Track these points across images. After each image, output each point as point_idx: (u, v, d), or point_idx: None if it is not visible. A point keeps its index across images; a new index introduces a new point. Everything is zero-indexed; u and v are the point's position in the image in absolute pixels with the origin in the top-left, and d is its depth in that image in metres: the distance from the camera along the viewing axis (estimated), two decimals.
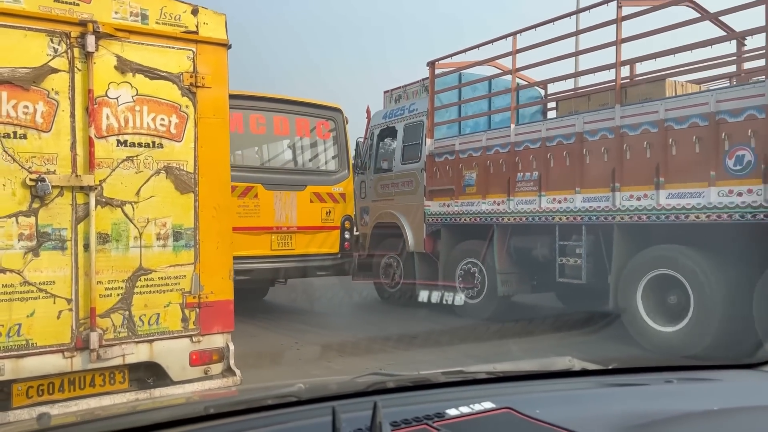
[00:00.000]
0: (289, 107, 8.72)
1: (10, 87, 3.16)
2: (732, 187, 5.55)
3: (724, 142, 5.66)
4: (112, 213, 3.42)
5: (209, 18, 3.73)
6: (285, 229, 8.30)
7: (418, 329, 7.64)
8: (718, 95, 5.82)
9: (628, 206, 6.40)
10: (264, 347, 6.74)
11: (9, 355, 3.14)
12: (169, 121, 3.59)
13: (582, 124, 6.89)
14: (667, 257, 6.18)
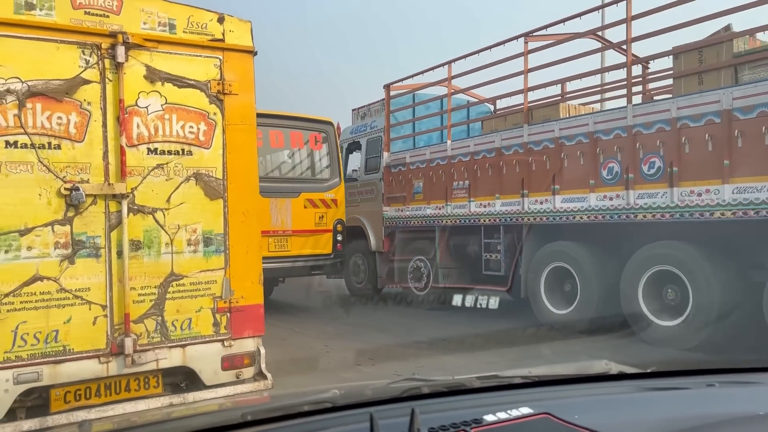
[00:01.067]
0: (284, 122, 9.64)
1: (45, 99, 3.23)
2: (606, 193, 6.87)
3: (599, 155, 6.94)
4: (143, 220, 3.47)
5: (235, 26, 3.77)
6: (281, 232, 9.13)
7: (447, 332, 7.72)
8: (595, 117, 7.16)
9: (534, 209, 7.69)
10: (295, 351, 6.83)
11: (47, 361, 3.21)
12: (198, 129, 3.63)
13: (500, 140, 8.21)
14: (561, 252, 7.52)
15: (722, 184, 5.87)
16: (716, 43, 6.47)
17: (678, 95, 6.64)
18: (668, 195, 6.28)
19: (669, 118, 6.32)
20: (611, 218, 6.80)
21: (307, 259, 9.44)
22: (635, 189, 6.58)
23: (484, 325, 8.03)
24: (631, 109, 6.71)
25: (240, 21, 3.80)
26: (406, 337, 7.49)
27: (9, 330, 3.12)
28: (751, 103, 5.70)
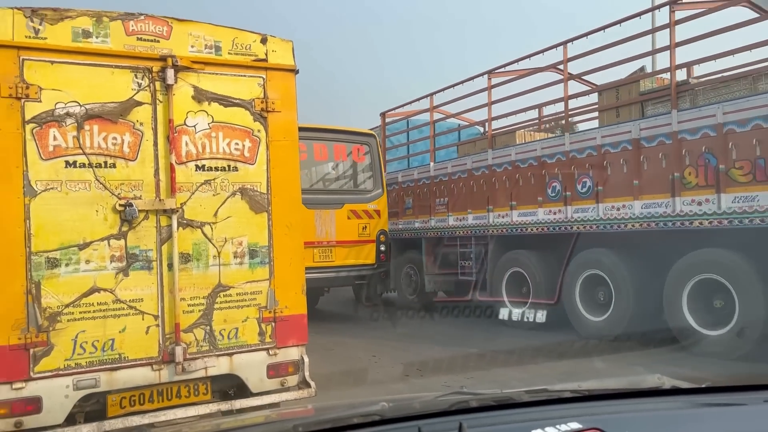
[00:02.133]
0: (327, 135, 9.90)
1: (101, 121, 3.43)
2: (550, 208, 8.17)
3: (545, 176, 8.23)
4: (192, 234, 3.64)
5: (277, 45, 3.92)
6: (325, 243, 9.39)
7: (496, 344, 7.74)
8: (542, 144, 8.47)
9: (497, 222, 9.05)
10: (343, 362, 6.90)
11: (104, 368, 3.39)
12: (243, 146, 3.79)
13: (471, 162, 9.60)
14: (517, 259, 8.87)
15: (633, 200, 7.07)
16: (628, 83, 7.91)
17: (601, 126, 8.00)
18: (596, 209, 7.51)
19: (595, 144, 7.56)
20: (553, 230, 8.12)
21: (351, 269, 9.61)
22: (572, 204, 7.84)
23: (532, 336, 8.01)
24: (568, 137, 8.00)
25: (282, 41, 3.95)
26: (455, 349, 7.50)
27: (69, 338, 3.32)
28: (653, 133, 6.90)
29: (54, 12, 3.35)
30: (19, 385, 3.20)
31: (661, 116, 6.94)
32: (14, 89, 3.22)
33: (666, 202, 6.73)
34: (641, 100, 7.55)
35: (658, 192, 6.80)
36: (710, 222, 6.37)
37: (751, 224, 6.04)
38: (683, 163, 6.60)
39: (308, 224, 9.10)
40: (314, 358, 3.92)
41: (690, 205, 6.53)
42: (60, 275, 3.31)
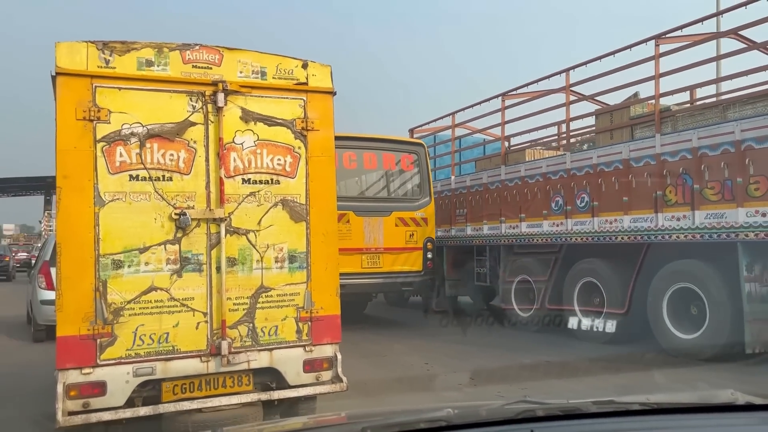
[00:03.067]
0: (377, 144, 10.19)
1: (160, 139, 3.89)
2: (553, 221, 8.95)
3: (549, 191, 9.03)
4: (238, 240, 4.05)
5: (317, 70, 4.31)
6: (373, 249, 9.66)
7: (551, 355, 7.69)
8: (547, 161, 9.27)
9: (507, 233, 9.91)
10: (396, 369, 7.03)
11: (159, 358, 3.83)
12: (285, 161, 4.18)
13: (487, 177, 10.56)
14: (524, 266, 9.74)
15: (623, 215, 7.80)
16: (621, 108, 8.72)
17: (598, 146, 8.77)
18: (592, 223, 8.27)
19: (592, 164, 8.32)
20: (555, 240, 8.97)
21: (398, 275, 9.83)
22: (572, 218, 8.60)
23: (588, 348, 7.93)
24: (569, 156, 8.84)
25: (321, 66, 4.34)
26: (508, 358, 7.57)
27: (130, 331, 3.77)
28: (640, 154, 7.64)
29: (122, 45, 3.83)
30: (87, 371, 3.67)
31: (647, 139, 7.70)
32: (88, 113, 3.71)
33: (650, 217, 7.46)
34: (631, 124, 8.28)
35: (644, 208, 7.54)
36: (686, 236, 7.09)
37: (719, 239, 6.72)
38: (665, 182, 7.30)
39: (357, 231, 9.46)
40: (368, 364, 4.18)
41: (670, 221, 7.24)
42: (123, 275, 3.77)
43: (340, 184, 10.08)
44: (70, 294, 3.67)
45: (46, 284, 9.25)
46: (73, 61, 3.71)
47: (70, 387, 3.61)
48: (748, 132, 6.53)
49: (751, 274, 6.48)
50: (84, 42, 3.75)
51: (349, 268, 9.22)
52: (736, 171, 6.59)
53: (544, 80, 9.66)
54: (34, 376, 6.55)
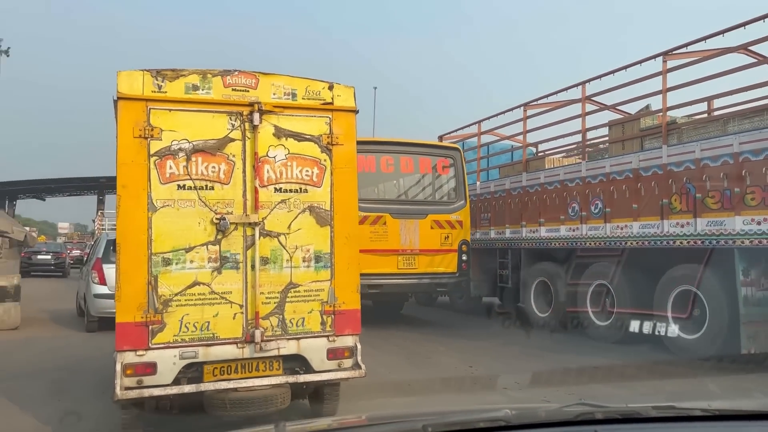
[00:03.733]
0: (413, 149, 10.54)
1: (204, 153, 4.48)
2: (570, 225, 9.53)
3: (566, 198, 9.59)
4: (270, 242, 4.61)
5: (342, 91, 4.84)
6: (409, 251, 9.96)
7: (595, 360, 7.82)
8: (565, 169, 9.87)
9: (527, 237, 10.48)
10: (440, 370, 7.24)
11: (201, 344, 4.40)
12: (312, 172, 4.72)
13: (509, 183, 11.10)
14: (544, 270, 10.33)
15: (633, 221, 8.25)
16: (631, 120, 9.22)
17: (611, 156, 9.20)
18: (604, 228, 8.75)
19: (605, 172, 8.83)
20: (571, 245, 9.55)
21: (433, 276, 10.13)
22: (587, 223, 9.14)
23: (632, 354, 8.02)
24: (585, 165, 9.38)
25: (345, 87, 4.87)
26: (552, 362, 7.75)
27: (177, 319, 4.36)
28: (648, 164, 8.10)
29: (172, 72, 4.43)
30: (141, 353, 4.27)
31: (654, 150, 8.18)
32: (143, 131, 4.32)
33: (657, 224, 7.93)
34: (641, 135, 8.78)
35: (651, 215, 8.01)
36: (688, 242, 7.55)
37: (718, 245, 7.14)
38: (671, 190, 7.76)
39: (393, 233, 9.83)
40: (412, 365, 4.51)
41: (675, 227, 7.70)
42: (171, 271, 4.37)
43: (378, 187, 10.51)
44: (127, 287, 4.28)
45: (99, 279, 10.09)
46: (131, 87, 4.33)
47: (126, 366, 4.22)
48: (745, 145, 6.93)
49: (747, 278, 6.88)
50: (140, 70, 4.37)
51: (386, 269, 9.74)
52: (734, 181, 7.00)
53: (563, 92, 10.26)
54: (93, 359, 7.33)
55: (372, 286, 9.52)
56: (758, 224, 6.73)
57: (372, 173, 10.21)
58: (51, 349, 8.81)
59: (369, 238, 9.62)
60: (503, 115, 11.78)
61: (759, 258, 6.98)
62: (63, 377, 6.83)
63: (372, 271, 9.48)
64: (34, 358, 8.22)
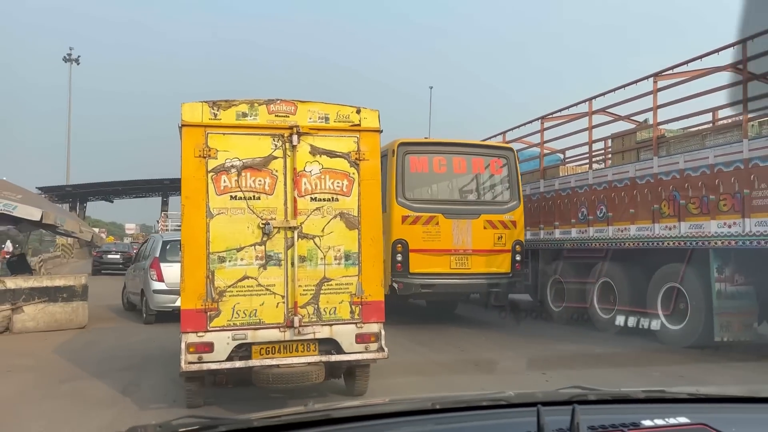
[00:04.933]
0: (466, 149, 10.58)
1: (252, 169, 5.37)
2: (580, 228, 10.44)
3: (576, 203, 10.49)
4: (307, 243, 5.45)
5: (368, 114, 5.65)
6: (462, 251, 9.90)
7: (604, 349, 8.54)
8: (575, 177, 10.84)
9: (544, 238, 11.42)
10: (516, 379, 6.89)
11: (249, 328, 5.28)
12: (342, 184, 5.55)
13: (529, 189, 11.85)
14: (557, 268, 11.17)
15: (630, 224, 9.18)
16: (629, 134, 10.41)
17: (612, 166, 10.45)
18: (607, 231, 9.70)
19: (608, 180, 9.80)
20: (580, 246, 10.48)
21: (486, 277, 10.02)
22: (593, 226, 10.06)
23: (633, 344, 8.66)
24: (591, 173, 10.39)
25: (371, 111, 5.67)
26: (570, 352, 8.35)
27: (230, 307, 5.26)
28: (643, 173, 9.03)
29: (226, 102, 5.35)
30: (201, 334, 5.18)
31: (647, 161, 9.12)
32: (202, 152, 5.25)
33: (649, 227, 8.86)
34: (637, 147, 9.89)
35: (645, 219, 8.92)
36: (674, 243, 8.50)
37: (696, 245, 8.09)
38: (661, 197, 8.67)
39: (446, 233, 9.78)
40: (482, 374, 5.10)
41: (664, 230, 8.62)
42: (225, 267, 5.27)
43: (430, 188, 10.72)
44: (189, 280, 5.21)
45: (157, 276, 11.05)
46: (192, 116, 5.27)
47: (189, 345, 5.14)
48: (719, 157, 7.85)
49: (721, 275, 7.80)
50: (200, 102, 5.30)
51: (438, 269, 9.81)
52: (710, 189, 7.90)
53: (574, 106, 11.18)
54: (155, 348, 8.32)
55: (424, 285, 9.76)
56: (729, 227, 7.65)
57: (425, 173, 10.31)
58: (119, 346, 8.92)
59: (422, 238, 9.71)
60: (524, 126, 12.73)
61: (730, 257, 7.86)
62: (131, 378, 6.83)
63: (424, 271, 9.74)
64: (103, 354, 8.28)
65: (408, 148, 10.16)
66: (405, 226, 9.82)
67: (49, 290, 10.52)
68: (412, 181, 10.14)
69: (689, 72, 8.75)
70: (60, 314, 10.53)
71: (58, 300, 10.53)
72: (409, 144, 10.25)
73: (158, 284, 10.97)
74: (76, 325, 10.59)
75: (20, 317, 10.24)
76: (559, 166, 12.06)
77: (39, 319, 10.35)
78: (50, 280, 10.90)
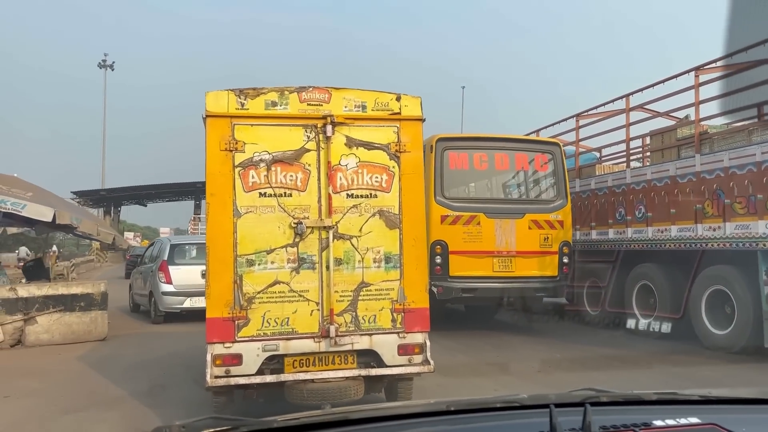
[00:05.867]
0: (509, 144, 9.97)
1: (282, 163, 4.89)
2: (617, 229, 10.08)
3: (615, 204, 10.12)
4: (343, 244, 4.95)
5: (409, 101, 5.13)
6: (505, 253, 9.31)
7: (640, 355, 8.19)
8: (613, 176, 10.44)
9: (580, 239, 10.87)
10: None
11: (282, 338, 4.80)
12: (381, 178, 5.04)
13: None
14: (593, 270, 10.65)
15: (671, 225, 8.84)
16: (669, 130, 9.92)
17: (652, 164, 10.00)
18: (647, 232, 9.31)
19: (647, 179, 9.40)
20: (618, 247, 10.04)
21: (532, 280, 9.43)
22: (631, 227, 9.66)
23: (674, 348, 8.39)
24: (629, 172, 9.99)
25: (412, 97, 5.15)
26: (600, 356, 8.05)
27: (260, 315, 4.79)
28: (684, 172, 8.69)
29: (253, 90, 4.88)
30: (228, 345, 4.72)
31: (689, 158, 8.77)
32: (228, 145, 4.79)
33: (692, 228, 8.50)
34: (678, 144, 9.41)
35: (687, 219, 8.57)
36: (718, 244, 8.11)
37: (744, 247, 7.68)
38: (704, 196, 8.29)
39: (488, 233, 9.23)
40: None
41: (707, 231, 8.25)
42: (255, 271, 4.80)
43: (471, 186, 10.25)
44: (216, 285, 4.75)
45: (165, 279, 11.49)
46: (217, 106, 4.82)
47: (216, 357, 4.68)
48: (767, 154, 7.42)
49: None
50: (225, 90, 4.85)
51: (480, 272, 9.24)
52: (758, 188, 7.50)
53: (609, 103, 10.83)
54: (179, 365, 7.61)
55: (465, 289, 9.23)
56: None
57: (465, 171, 9.82)
58: (139, 364, 7.93)
59: (462, 239, 9.21)
60: (559, 124, 12.36)
61: None
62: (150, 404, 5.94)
63: (465, 274, 9.19)
64: (120, 374, 7.25)
65: (447, 143, 9.62)
66: (444, 227, 9.26)
67: (65, 298, 9.63)
68: (451, 179, 9.60)
69: (733, 65, 8.29)
70: (77, 325, 9.66)
71: (75, 309, 9.65)
72: (448, 139, 9.74)
73: (167, 286, 11.46)
74: (95, 337, 9.74)
75: (33, 329, 9.37)
76: (595, 165, 11.64)
77: (54, 330, 9.48)
78: (66, 288, 9.97)
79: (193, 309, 10.77)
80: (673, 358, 8.06)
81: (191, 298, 11.19)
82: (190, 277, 10.88)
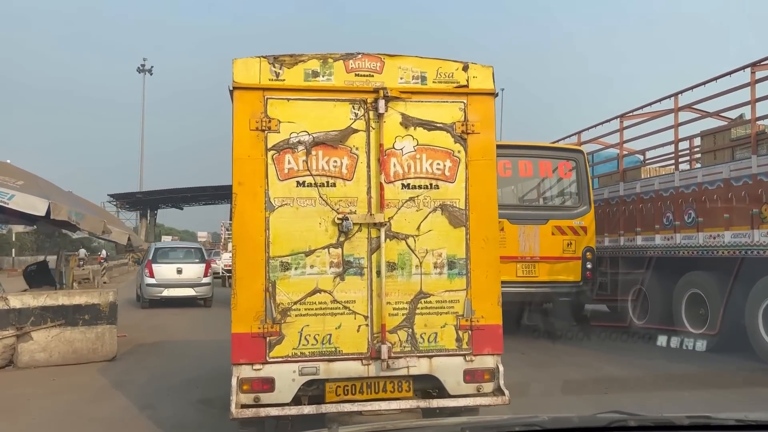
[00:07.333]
0: (533, 152, 10.10)
1: (324, 147, 4.03)
2: (664, 235, 9.42)
3: (662, 209, 9.51)
4: (397, 245, 4.06)
5: (478, 72, 4.21)
6: (529, 258, 9.40)
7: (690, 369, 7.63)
8: (660, 179, 9.81)
9: (625, 245, 10.37)
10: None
11: (322, 359, 3.93)
12: (444, 165, 4.12)
13: (608, 193, 10.98)
14: (642, 278, 10.08)
15: (724, 231, 8.26)
16: (722, 130, 9.24)
17: (702, 166, 9.34)
18: (697, 238, 8.73)
19: (697, 182, 8.83)
20: (665, 254, 9.41)
21: (555, 285, 9.53)
22: (680, 232, 9.11)
23: (724, 362, 7.90)
24: (678, 175, 9.43)
25: (483, 67, 4.23)
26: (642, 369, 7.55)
27: (296, 331, 3.92)
28: (739, 174, 8.09)
29: (291, 58, 4.03)
30: (258, 367, 3.87)
31: (744, 160, 8.17)
32: (260, 123, 3.94)
33: (747, 233, 7.88)
34: (732, 145, 8.77)
35: (742, 224, 7.97)
36: None
37: None
38: (761, 200, 7.71)
39: (512, 239, 9.34)
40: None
41: (764, 237, 7.64)
42: (290, 277, 3.94)
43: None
44: (243, 293, 3.90)
45: (149, 273, 15.12)
46: (247, 76, 3.98)
47: (243, 381, 3.83)
48: None
49: None
50: (257, 57, 4.00)
51: (503, 277, 8.97)
52: None
53: (656, 103, 10.29)
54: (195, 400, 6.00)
55: None
56: None
57: None
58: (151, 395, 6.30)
59: None
60: (602, 125, 11.80)
61: None
62: None
63: None
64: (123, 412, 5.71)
65: None
66: None
67: (66, 310, 7.99)
68: None
69: None
70: (80, 342, 8.05)
71: (77, 323, 8.04)
72: None
73: (150, 279, 15.08)
74: (102, 357, 8.13)
75: (27, 346, 7.75)
76: (640, 167, 11.17)
77: (52, 348, 7.88)
78: (68, 297, 8.22)
79: (170, 297, 15.04)
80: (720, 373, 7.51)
81: (168, 289, 15.09)
82: (168, 272, 15.12)
